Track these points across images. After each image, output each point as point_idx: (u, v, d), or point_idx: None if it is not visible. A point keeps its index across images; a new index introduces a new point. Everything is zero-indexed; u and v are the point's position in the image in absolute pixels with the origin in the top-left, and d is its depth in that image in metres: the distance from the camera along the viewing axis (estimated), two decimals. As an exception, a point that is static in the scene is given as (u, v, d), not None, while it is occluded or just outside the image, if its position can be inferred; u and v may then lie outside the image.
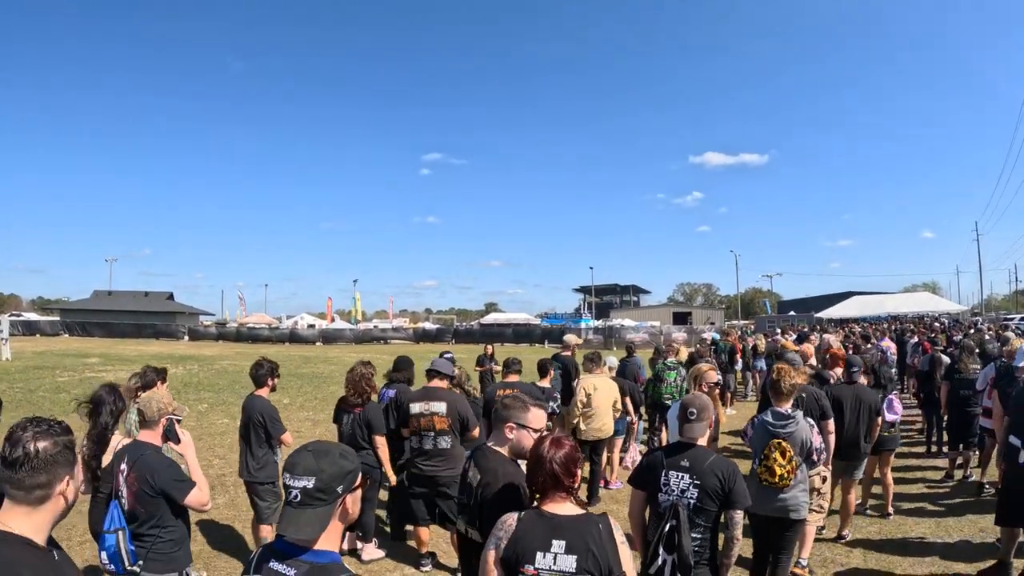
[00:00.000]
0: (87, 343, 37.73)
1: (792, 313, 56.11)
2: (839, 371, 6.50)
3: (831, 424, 5.41)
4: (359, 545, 5.62)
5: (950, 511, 6.63)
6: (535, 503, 2.48)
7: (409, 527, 5.87)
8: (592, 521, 2.37)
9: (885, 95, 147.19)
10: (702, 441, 3.35)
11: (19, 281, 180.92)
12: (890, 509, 6.52)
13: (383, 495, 6.40)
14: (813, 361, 7.92)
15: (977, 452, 7.67)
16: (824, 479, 5.19)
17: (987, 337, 9.11)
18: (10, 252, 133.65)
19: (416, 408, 5.21)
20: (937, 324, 23.82)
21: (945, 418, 8.32)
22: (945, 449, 8.46)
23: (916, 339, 14.76)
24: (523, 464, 2.79)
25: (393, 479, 5.66)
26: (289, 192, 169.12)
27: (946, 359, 8.96)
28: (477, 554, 2.72)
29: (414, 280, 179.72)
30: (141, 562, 3.20)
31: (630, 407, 7.98)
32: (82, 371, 20.25)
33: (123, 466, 3.32)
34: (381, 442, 5.42)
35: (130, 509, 3.26)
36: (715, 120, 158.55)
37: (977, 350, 8.17)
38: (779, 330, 24.90)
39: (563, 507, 2.40)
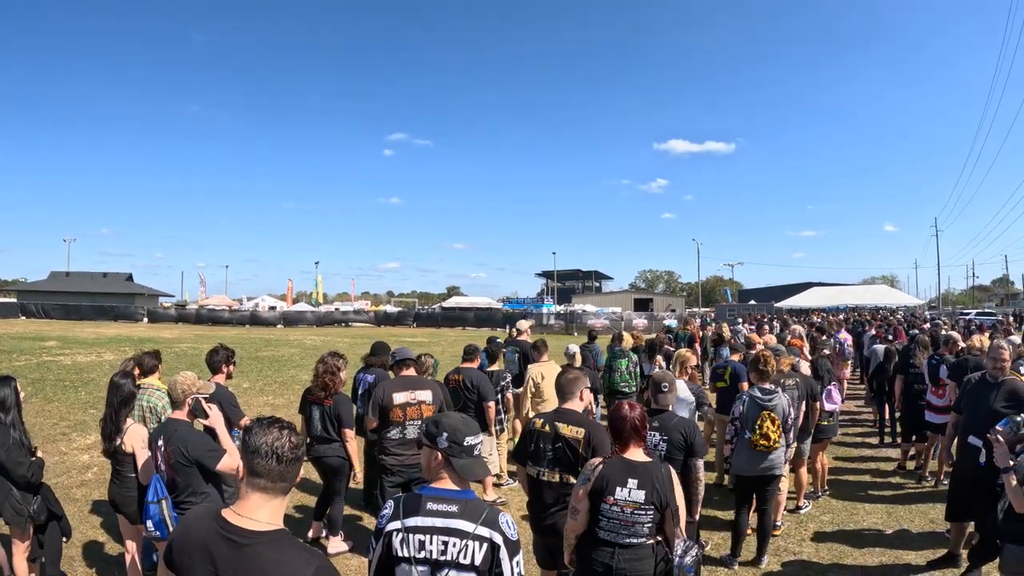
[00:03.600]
0: (44, 325, 36.54)
1: (752, 302, 57.08)
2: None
3: (816, 404, 6.40)
4: (323, 534, 5.52)
5: (901, 501, 6.80)
6: (616, 451, 3.17)
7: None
8: (658, 466, 3.14)
9: (853, 88, 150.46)
10: (669, 408, 4.22)
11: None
12: (819, 492, 6.94)
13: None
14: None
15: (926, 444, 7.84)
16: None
17: (943, 332, 9.29)
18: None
19: (401, 398, 5.14)
20: (893, 317, 24.43)
21: (898, 411, 8.51)
22: (898, 440, 8.67)
23: (873, 332, 15.12)
24: None
25: (361, 474, 5.57)
26: (251, 171, 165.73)
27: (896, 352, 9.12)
28: (548, 490, 3.61)
29: (377, 262, 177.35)
30: None
31: (588, 395, 7.98)
32: (39, 355, 19.51)
33: (160, 442, 3.63)
34: (351, 435, 5.33)
35: (169, 480, 3.58)
36: (681, 108, 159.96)
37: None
38: (740, 319, 25.34)
39: (637, 454, 3.14)
